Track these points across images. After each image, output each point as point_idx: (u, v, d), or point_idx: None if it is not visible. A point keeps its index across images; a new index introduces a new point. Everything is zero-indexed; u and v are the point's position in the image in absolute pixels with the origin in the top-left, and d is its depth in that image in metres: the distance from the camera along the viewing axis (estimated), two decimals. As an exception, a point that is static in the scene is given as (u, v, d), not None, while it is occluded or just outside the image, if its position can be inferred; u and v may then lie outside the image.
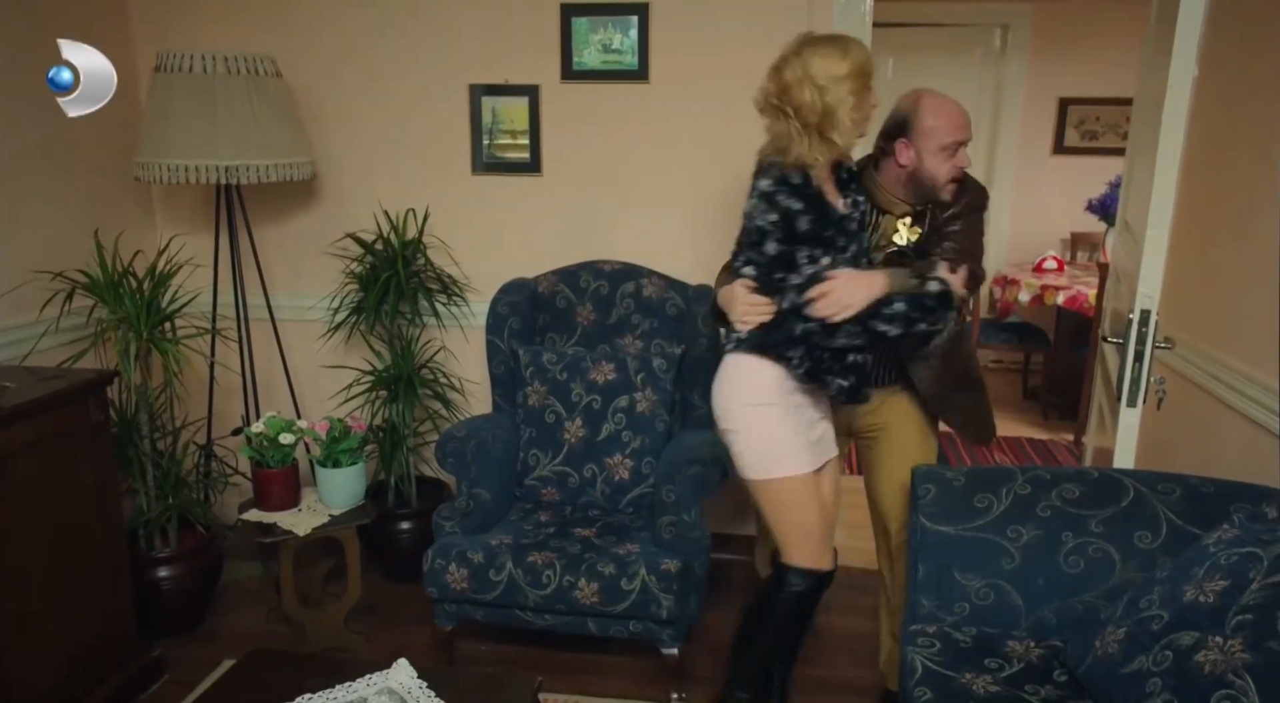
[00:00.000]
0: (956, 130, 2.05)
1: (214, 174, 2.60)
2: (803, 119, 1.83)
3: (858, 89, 1.84)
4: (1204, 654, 1.43)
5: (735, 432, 1.99)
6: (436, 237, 3.01)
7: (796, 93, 1.83)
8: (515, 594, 2.38)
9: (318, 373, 3.09)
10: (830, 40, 1.89)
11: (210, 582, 2.80)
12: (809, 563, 2.03)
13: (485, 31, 2.90)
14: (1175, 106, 2.02)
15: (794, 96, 1.83)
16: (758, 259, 1.89)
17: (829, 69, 1.82)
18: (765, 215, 1.86)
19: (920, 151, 2.07)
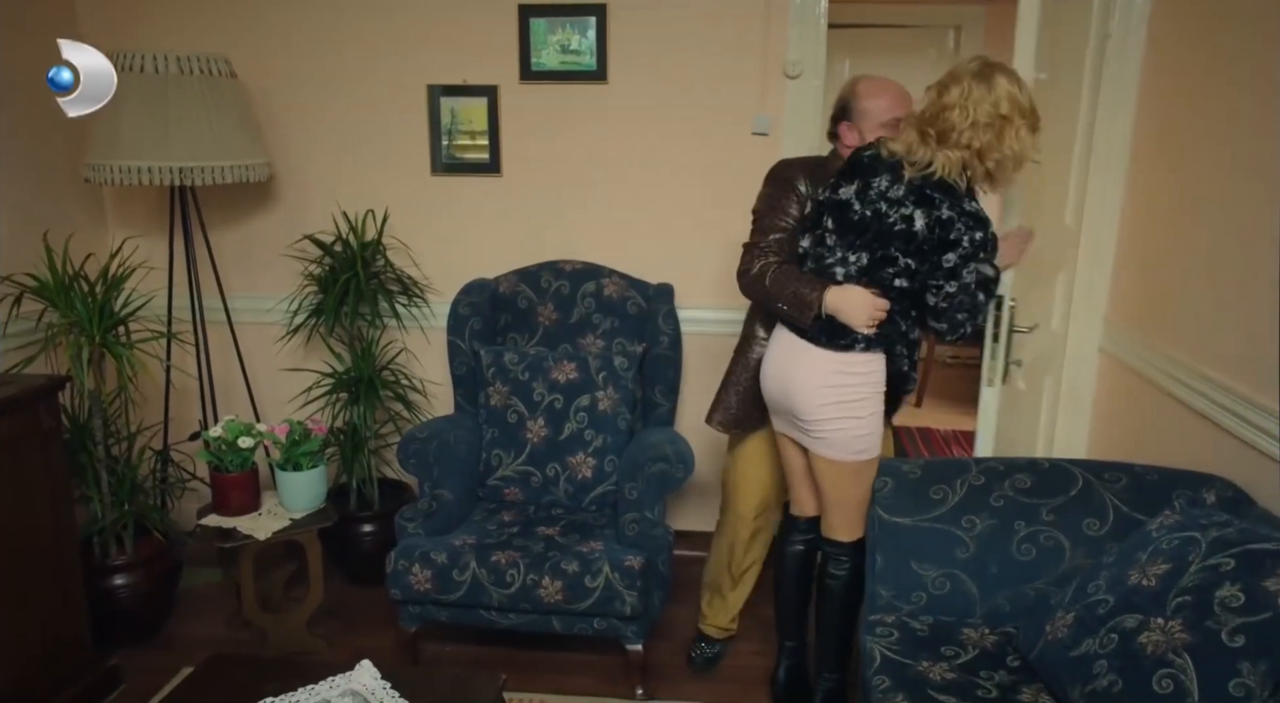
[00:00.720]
0: (892, 106, 2.16)
1: (167, 175, 2.56)
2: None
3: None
4: (1146, 636, 1.49)
5: (861, 418, 2.07)
6: (396, 238, 3.00)
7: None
8: (479, 594, 2.38)
9: (277, 376, 3.06)
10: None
11: (168, 589, 2.76)
12: (861, 534, 2.16)
13: (443, 32, 2.89)
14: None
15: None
16: (925, 269, 1.99)
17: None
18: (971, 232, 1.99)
19: (862, 132, 2.19)
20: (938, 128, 1.93)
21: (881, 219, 1.97)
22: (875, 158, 2.02)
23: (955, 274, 1.98)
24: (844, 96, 2.25)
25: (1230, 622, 1.41)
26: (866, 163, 2.03)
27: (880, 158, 2.01)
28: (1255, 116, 2.02)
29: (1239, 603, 1.42)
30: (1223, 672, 1.37)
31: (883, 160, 2.00)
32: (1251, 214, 2.02)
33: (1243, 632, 1.39)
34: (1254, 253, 2.00)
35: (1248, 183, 2.04)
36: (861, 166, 2.04)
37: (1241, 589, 1.44)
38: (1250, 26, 2.08)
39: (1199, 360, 2.21)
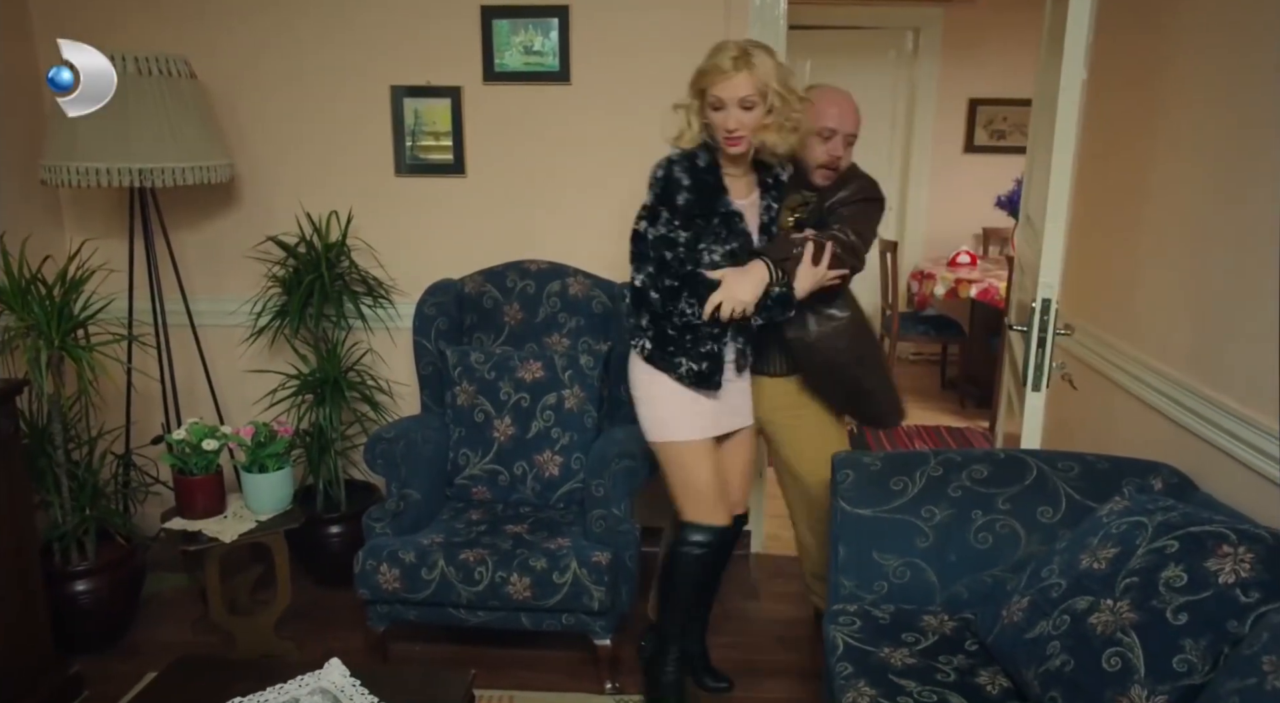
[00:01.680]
0: (826, 117, 2.21)
1: (126, 177, 2.54)
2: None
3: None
4: (1097, 616, 1.54)
5: (639, 400, 2.26)
6: (360, 239, 3.00)
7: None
8: (448, 592, 2.39)
9: (241, 378, 3.04)
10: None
11: (132, 594, 2.73)
12: (701, 518, 2.25)
13: (406, 33, 2.90)
14: (1067, 106, 2.14)
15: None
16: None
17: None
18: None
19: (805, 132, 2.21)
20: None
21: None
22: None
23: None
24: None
25: (1174, 601, 1.47)
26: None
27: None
28: (1200, 110, 2.10)
29: (1182, 583, 1.48)
30: (1167, 649, 1.43)
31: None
32: (1198, 207, 2.09)
33: (1185, 610, 1.45)
34: (1199, 246, 2.08)
35: (1194, 176, 2.11)
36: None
37: (1184, 570, 1.50)
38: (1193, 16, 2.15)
39: (1146, 352, 2.29)
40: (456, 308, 2.87)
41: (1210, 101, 2.05)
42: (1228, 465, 1.88)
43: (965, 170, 5.83)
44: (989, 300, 4.79)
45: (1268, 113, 1.81)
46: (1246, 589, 1.42)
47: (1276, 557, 1.45)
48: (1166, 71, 2.25)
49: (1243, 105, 1.91)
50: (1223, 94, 2.00)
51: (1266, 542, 1.47)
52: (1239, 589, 1.42)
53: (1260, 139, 1.83)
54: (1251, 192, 1.86)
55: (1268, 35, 1.82)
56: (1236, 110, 1.93)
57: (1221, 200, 1.98)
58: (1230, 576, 1.44)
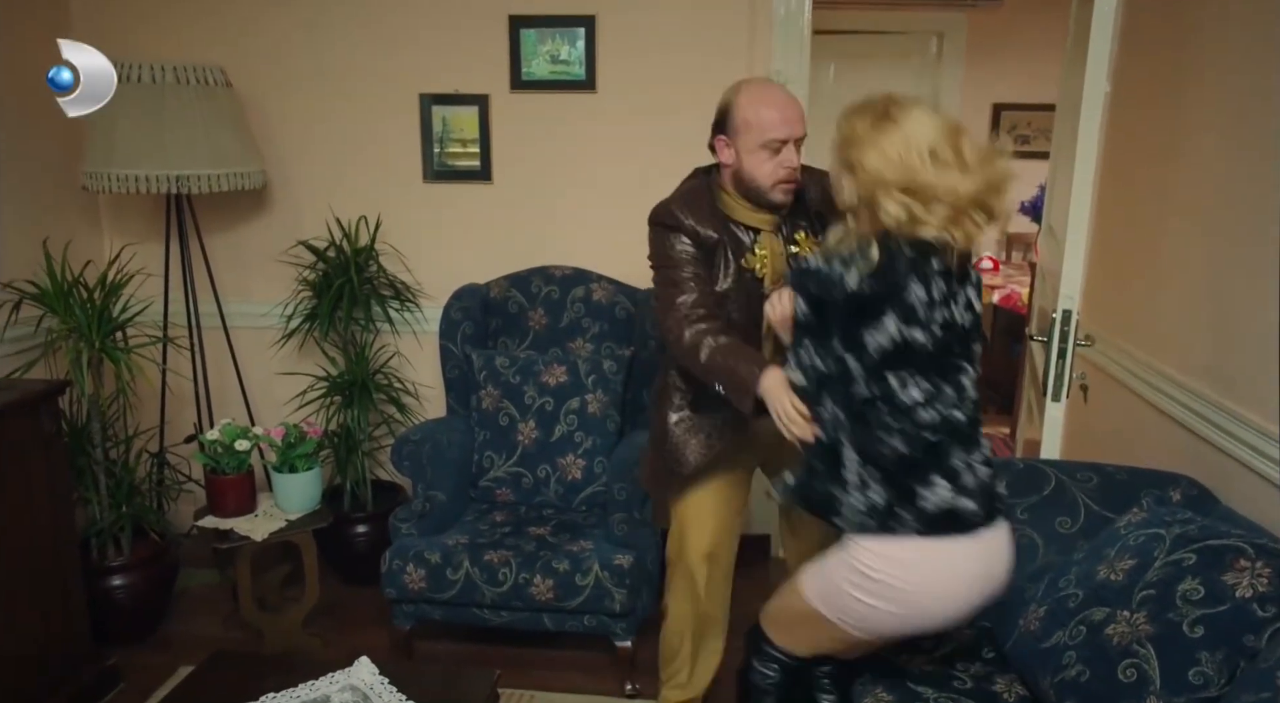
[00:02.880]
0: (774, 126, 1.85)
1: (164, 184, 2.61)
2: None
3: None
4: (1113, 628, 1.56)
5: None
6: (389, 243, 3.05)
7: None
8: (472, 593, 2.44)
9: (271, 380, 3.11)
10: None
11: (165, 589, 2.80)
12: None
13: (435, 42, 2.95)
14: (1089, 119, 2.16)
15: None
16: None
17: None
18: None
19: (738, 150, 1.90)
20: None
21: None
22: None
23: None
24: (724, 102, 1.93)
25: (1191, 614, 1.48)
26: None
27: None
28: (1224, 123, 2.10)
29: (1199, 596, 1.50)
30: (1183, 661, 1.44)
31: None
32: (1219, 220, 2.10)
33: (1202, 623, 1.46)
34: (1220, 259, 2.09)
35: (1216, 190, 2.12)
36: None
37: (1201, 583, 1.51)
38: (1217, 31, 2.16)
39: (1167, 364, 2.29)
40: (482, 312, 2.92)
41: (1234, 115, 2.06)
42: (1248, 479, 1.89)
43: (989, 175, 5.80)
44: (1011, 306, 4.78)
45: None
46: (1264, 604, 1.43)
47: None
48: (1191, 85, 2.26)
49: (1266, 119, 1.92)
50: (1246, 109, 2.00)
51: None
52: (1256, 604, 1.44)
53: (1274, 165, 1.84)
54: (1273, 206, 1.86)
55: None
56: (1259, 125, 1.94)
57: (1242, 214, 1.98)
58: (1248, 590, 1.46)
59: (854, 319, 1.50)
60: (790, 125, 1.87)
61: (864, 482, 1.55)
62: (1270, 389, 1.84)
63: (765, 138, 1.86)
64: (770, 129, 1.86)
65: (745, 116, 1.87)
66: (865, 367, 1.52)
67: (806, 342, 1.59)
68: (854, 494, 1.57)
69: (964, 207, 1.52)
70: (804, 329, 1.59)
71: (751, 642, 1.91)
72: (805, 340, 1.59)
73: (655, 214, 2.01)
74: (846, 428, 1.56)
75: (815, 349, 1.58)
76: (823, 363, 1.56)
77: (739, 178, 1.94)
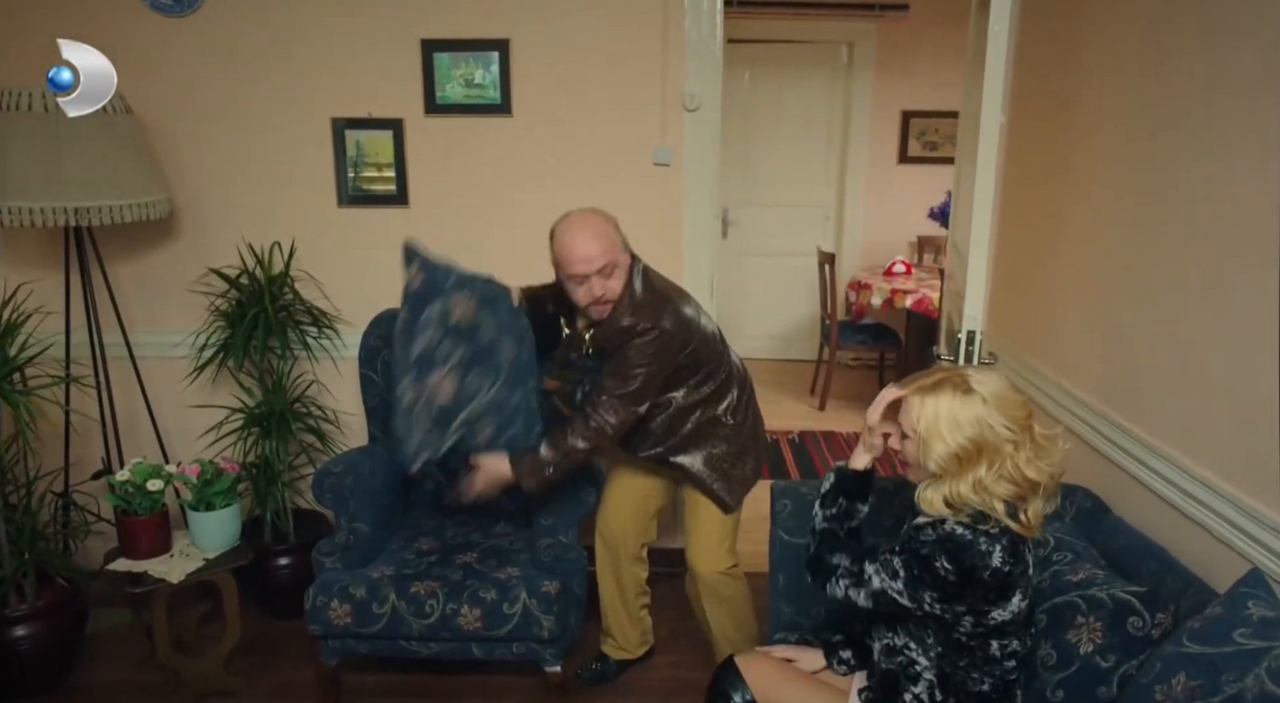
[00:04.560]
0: (571, 263, 2.16)
1: (61, 216, 2.51)
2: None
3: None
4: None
5: None
6: (304, 270, 3.00)
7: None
8: (399, 626, 2.42)
9: (184, 413, 3.02)
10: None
11: (74, 635, 2.70)
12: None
13: (347, 66, 2.90)
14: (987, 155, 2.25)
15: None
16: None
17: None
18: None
19: (558, 275, 2.25)
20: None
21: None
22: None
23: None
24: (551, 229, 2.28)
25: (1050, 679, 1.62)
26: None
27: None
28: (1109, 147, 2.23)
29: (1053, 661, 1.63)
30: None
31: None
32: (1108, 239, 2.22)
33: (1061, 687, 1.59)
34: (1110, 277, 2.21)
35: (1105, 209, 2.24)
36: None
37: (1053, 647, 1.65)
38: (1101, 57, 2.28)
39: (1064, 378, 2.42)
40: (402, 339, 2.89)
41: (1118, 139, 2.18)
42: (1136, 490, 2.01)
43: (900, 181, 6.00)
44: (924, 310, 4.95)
45: (1171, 154, 1.93)
46: (1105, 655, 1.55)
47: (1118, 619, 1.57)
48: (1078, 106, 2.38)
49: (1148, 145, 2.04)
50: (1130, 133, 2.12)
51: (1108, 606, 1.59)
52: (1098, 656, 1.55)
53: (1165, 177, 1.95)
54: (1157, 227, 1.98)
55: (1173, 77, 1.94)
56: (1142, 149, 2.06)
57: (1129, 234, 2.10)
58: (1089, 645, 1.57)
59: (992, 594, 1.54)
60: (589, 262, 2.15)
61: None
62: (1154, 405, 1.97)
63: (568, 273, 2.19)
64: (570, 267, 2.17)
65: (555, 252, 2.22)
66: (976, 630, 1.59)
67: (930, 595, 1.57)
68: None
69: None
70: (933, 587, 1.56)
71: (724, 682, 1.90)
72: (929, 594, 1.57)
73: (674, 323, 2.23)
74: (934, 660, 1.65)
75: (934, 602, 1.57)
76: (940, 611, 1.58)
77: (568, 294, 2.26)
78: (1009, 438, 1.54)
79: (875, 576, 1.62)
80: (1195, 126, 1.84)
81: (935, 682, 1.65)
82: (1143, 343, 2.04)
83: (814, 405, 5.36)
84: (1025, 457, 1.55)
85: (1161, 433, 1.94)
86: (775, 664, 1.90)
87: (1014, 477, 1.54)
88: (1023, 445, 1.55)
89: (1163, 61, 1.97)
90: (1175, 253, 1.90)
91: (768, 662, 1.91)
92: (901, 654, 1.70)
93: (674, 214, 3.02)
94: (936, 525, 1.58)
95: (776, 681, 1.86)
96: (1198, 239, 1.82)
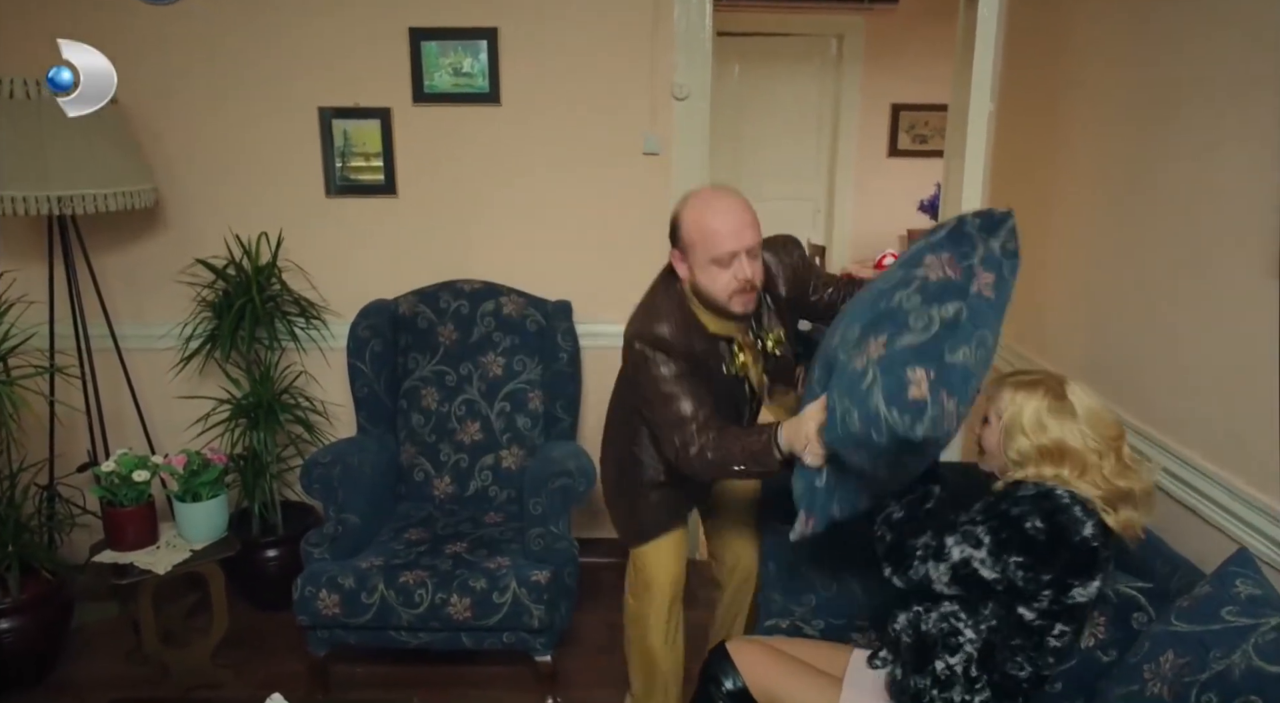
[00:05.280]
0: (721, 241, 1.79)
1: (44, 205, 2.49)
2: None
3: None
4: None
5: None
6: (292, 260, 2.98)
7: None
8: (388, 616, 2.41)
9: (171, 404, 3.00)
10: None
11: (59, 629, 2.68)
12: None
13: (333, 54, 2.88)
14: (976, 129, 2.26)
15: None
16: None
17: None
18: None
19: (690, 265, 1.86)
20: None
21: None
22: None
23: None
24: (674, 213, 1.89)
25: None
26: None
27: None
28: (1095, 137, 2.23)
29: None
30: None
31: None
32: (1092, 227, 2.23)
33: (1060, 679, 1.59)
34: (1092, 264, 2.21)
35: (1090, 197, 2.25)
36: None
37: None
38: (1089, 47, 2.28)
39: (1047, 361, 2.42)
40: (390, 329, 2.88)
41: (1105, 128, 2.18)
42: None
43: (889, 174, 6.00)
44: (913, 303, 4.94)
45: (1156, 142, 1.94)
46: (1105, 649, 1.55)
47: (1123, 614, 1.57)
48: (1067, 98, 2.38)
49: (1131, 135, 2.04)
50: (1115, 124, 2.13)
51: (1112, 601, 1.59)
52: (1099, 651, 1.55)
53: (1150, 165, 1.96)
54: (1142, 213, 1.99)
55: (1160, 66, 1.95)
56: (1127, 139, 2.07)
57: (1115, 220, 2.11)
58: (1090, 639, 1.57)
59: (1074, 569, 1.49)
60: (739, 236, 1.79)
61: (973, 681, 1.60)
62: (1134, 388, 1.97)
63: (714, 253, 1.80)
64: (718, 244, 1.79)
65: (691, 233, 1.83)
66: (1051, 608, 1.53)
67: (1017, 559, 1.51)
68: (955, 689, 1.61)
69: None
70: (1021, 550, 1.50)
71: (715, 668, 1.88)
72: (1015, 558, 1.50)
73: (641, 335, 1.88)
74: (983, 633, 1.58)
75: (1018, 568, 1.50)
76: (1023, 580, 1.51)
77: (697, 291, 1.89)
78: (1094, 449, 1.54)
79: (956, 547, 1.55)
80: (1181, 115, 1.84)
81: (975, 656, 1.59)
82: (1128, 327, 2.04)
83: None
84: (1111, 468, 1.54)
85: (1147, 416, 1.95)
86: (766, 650, 1.90)
87: (1098, 483, 1.54)
88: (1107, 460, 1.55)
89: (1149, 51, 1.98)
90: (1161, 238, 1.91)
91: (759, 648, 1.91)
92: (946, 622, 1.63)
93: (663, 203, 2.99)
94: (1038, 484, 1.56)
95: (768, 666, 1.86)
96: (1183, 224, 1.83)
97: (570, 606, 2.65)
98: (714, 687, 1.86)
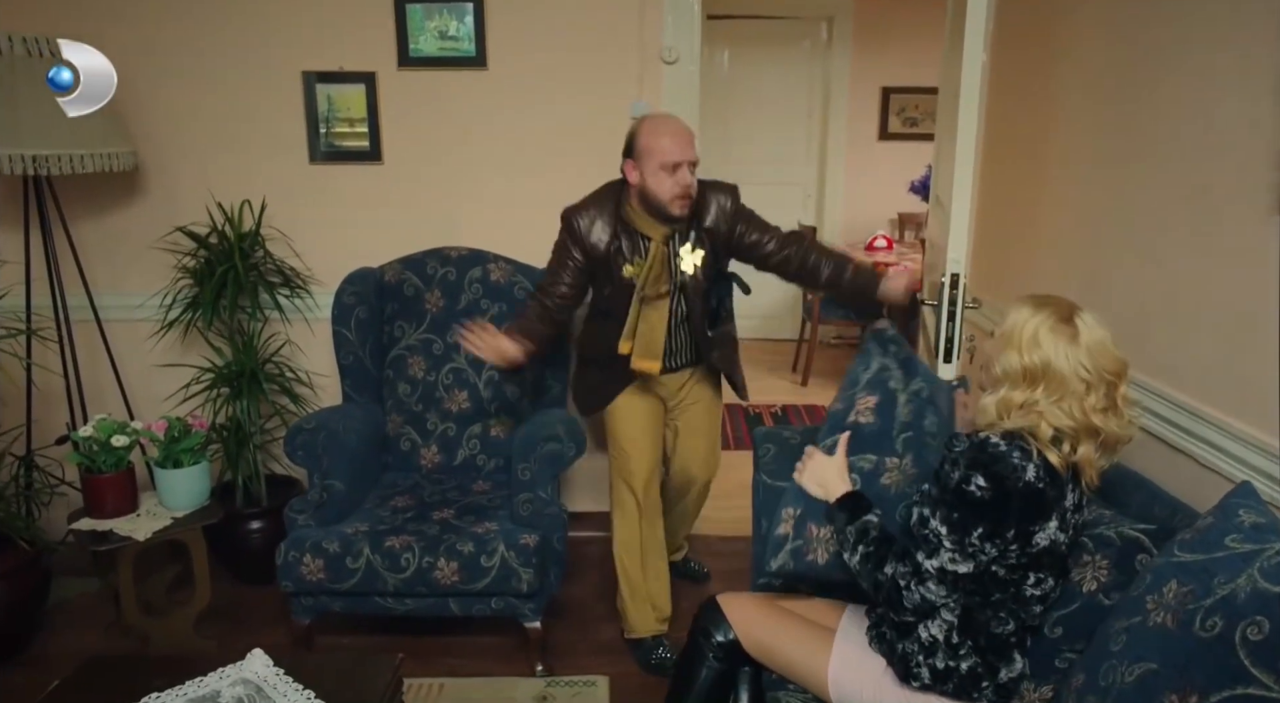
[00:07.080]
0: (672, 151, 2.23)
1: (18, 164, 2.43)
2: None
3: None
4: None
5: None
6: (275, 228, 2.93)
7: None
8: (374, 580, 2.36)
9: (151, 373, 2.95)
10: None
11: (36, 602, 2.62)
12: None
13: (317, 17, 2.84)
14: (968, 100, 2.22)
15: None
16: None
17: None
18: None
19: (642, 172, 2.27)
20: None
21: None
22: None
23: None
24: (630, 132, 2.33)
25: (1049, 617, 1.59)
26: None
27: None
28: (1085, 104, 2.21)
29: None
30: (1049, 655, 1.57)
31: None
32: (1085, 193, 2.20)
33: (1060, 624, 1.58)
34: (1083, 228, 2.19)
35: (1083, 164, 2.22)
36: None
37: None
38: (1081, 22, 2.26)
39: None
40: (376, 297, 2.83)
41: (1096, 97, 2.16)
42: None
43: (880, 157, 5.99)
44: (904, 283, 4.92)
45: (1142, 112, 1.92)
46: (1108, 593, 1.51)
47: (1126, 557, 1.52)
48: (1058, 73, 2.36)
49: (1121, 104, 2.02)
50: (1108, 90, 2.11)
51: (1115, 545, 1.54)
52: (1102, 594, 1.52)
53: (1136, 134, 1.94)
54: (1128, 184, 1.97)
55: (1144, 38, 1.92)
56: (1121, 102, 2.04)
57: (1105, 189, 2.09)
58: (1092, 583, 1.53)
59: (1027, 514, 1.46)
60: (684, 151, 2.24)
61: (955, 647, 1.58)
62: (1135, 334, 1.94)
63: (662, 160, 2.23)
64: (666, 154, 2.23)
65: (646, 143, 2.26)
66: (1020, 560, 1.49)
67: (978, 531, 1.47)
68: (938, 656, 1.59)
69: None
70: (976, 518, 1.47)
71: (706, 620, 1.86)
72: (976, 531, 1.47)
73: (565, 215, 2.40)
74: (958, 598, 1.55)
75: (983, 540, 1.47)
76: (995, 550, 1.48)
77: (644, 195, 2.30)
78: (1083, 378, 1.47)
79: (929, 561, 1.52)
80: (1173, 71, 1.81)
81: (955, 623, 1.57)
82: (1122, 275, 2.02)
83: (796, 381, 5.33)
84: (1094, 403, 1.47)
85: (1140, 363, 1.91)
86: (759, 603, 1.86)
87: (1073, 414, 1.47)
88: (1095, 392, 1.48)
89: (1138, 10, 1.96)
90: (1156, 179, 1.88)
91: (751, 601, 1.87)
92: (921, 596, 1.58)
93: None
94: (971, 436, 1.51)
95: (758, 618, 1.82)
96: (1181, 173, 1.80)
97: (560, 573, 2.60)
98: (705, 639, 1.83)
